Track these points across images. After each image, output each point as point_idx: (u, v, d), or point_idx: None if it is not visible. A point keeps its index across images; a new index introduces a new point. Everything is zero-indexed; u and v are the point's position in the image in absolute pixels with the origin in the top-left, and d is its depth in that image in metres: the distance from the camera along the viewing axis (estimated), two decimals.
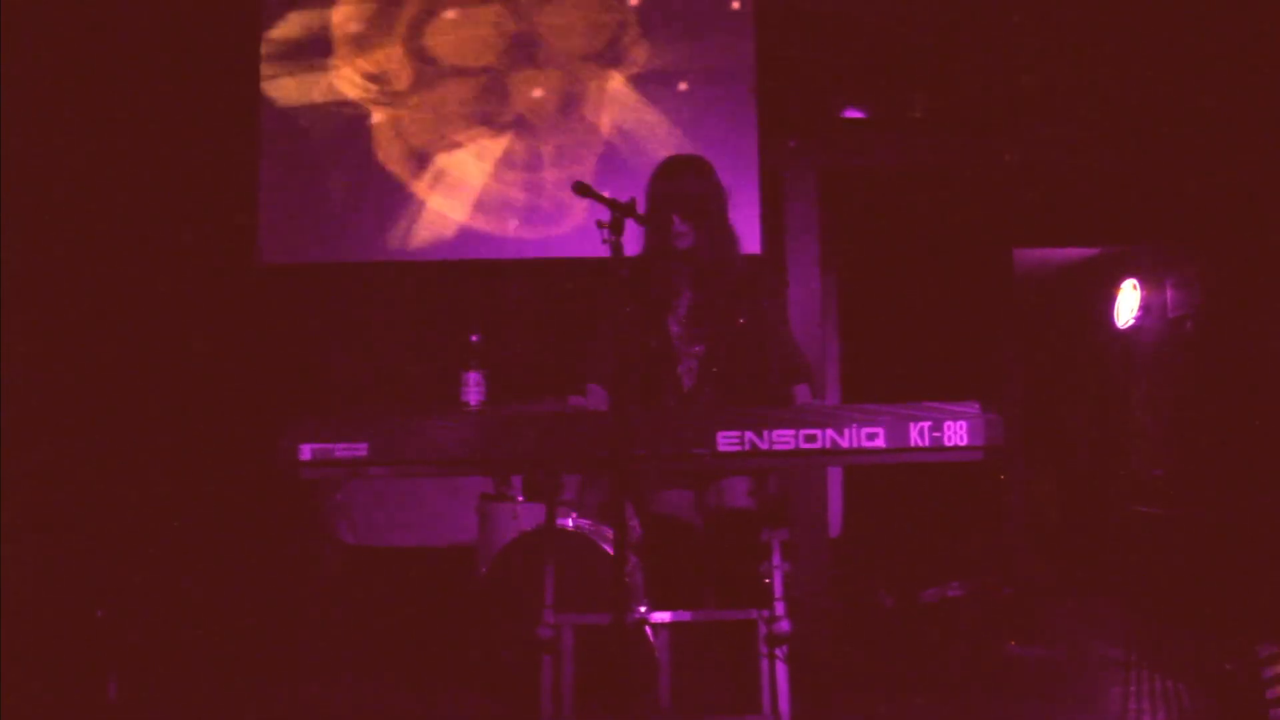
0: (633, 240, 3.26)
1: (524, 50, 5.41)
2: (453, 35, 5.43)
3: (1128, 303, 7.34)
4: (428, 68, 5.44)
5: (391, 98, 5.42)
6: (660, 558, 3.53)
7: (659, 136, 5.30)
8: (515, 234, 5.37)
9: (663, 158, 3.76)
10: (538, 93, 5.40)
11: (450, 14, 5.43)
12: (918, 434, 2.84)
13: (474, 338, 4.55)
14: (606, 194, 2.99)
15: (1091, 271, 7.74)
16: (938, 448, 2.84)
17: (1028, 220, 6.48)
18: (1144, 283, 7.16)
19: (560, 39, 5.41)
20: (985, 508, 6.52)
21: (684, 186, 3.53)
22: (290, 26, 5.46)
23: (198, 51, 5.36)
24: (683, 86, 5.34)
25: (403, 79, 5.42)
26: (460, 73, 5.43)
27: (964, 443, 2.84)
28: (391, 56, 5.42)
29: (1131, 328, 7.30)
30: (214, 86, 5.39)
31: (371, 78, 5.41)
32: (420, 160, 5.40)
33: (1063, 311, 8.10)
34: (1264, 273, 5.59)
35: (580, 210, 5.18)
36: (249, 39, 5.41)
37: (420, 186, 5.38)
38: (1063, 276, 8.02)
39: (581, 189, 3.04)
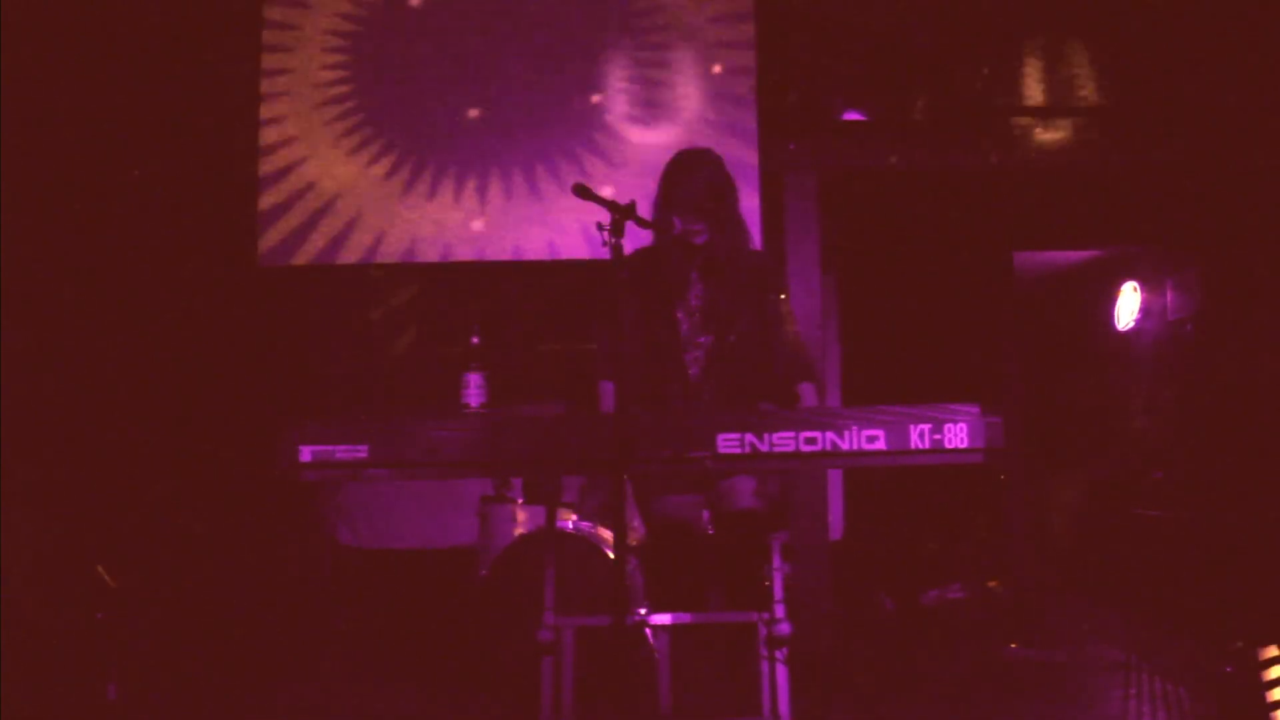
0: (633, 239, 3.26)
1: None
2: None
3: (1128, 305, 7.34)
4: None
5: None
6: (666, 562, 3.53)
7: None
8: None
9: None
10: None
11: None
12: (918, 436, 2.83)
13: (474, 339, 4.55)
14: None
15: (1092, 274, 7.74)
16: (938, 450, 2.83)
17: (1028, 222, 6.49)
18: (1144, 285, 7.16)
19: None
20: (985, 510, 6.52)
21: (697, 184, 3.52)
22: None
23: (197, 50, 5.36)
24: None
25: None
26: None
27: (964, 445, 2.83)
28: None
29: (1132, 330, 7.30)
30: (214, 85, 5.39)
31: None
32: None
33: (1063, 313, 8.10)
34: (1264, 274, 5.59)
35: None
36: (249, 36, 5.41)
37: None
38: (1063, 279, 8.02)
39: (581, 191, 3.04)
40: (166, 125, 5.25)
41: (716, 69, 5.37)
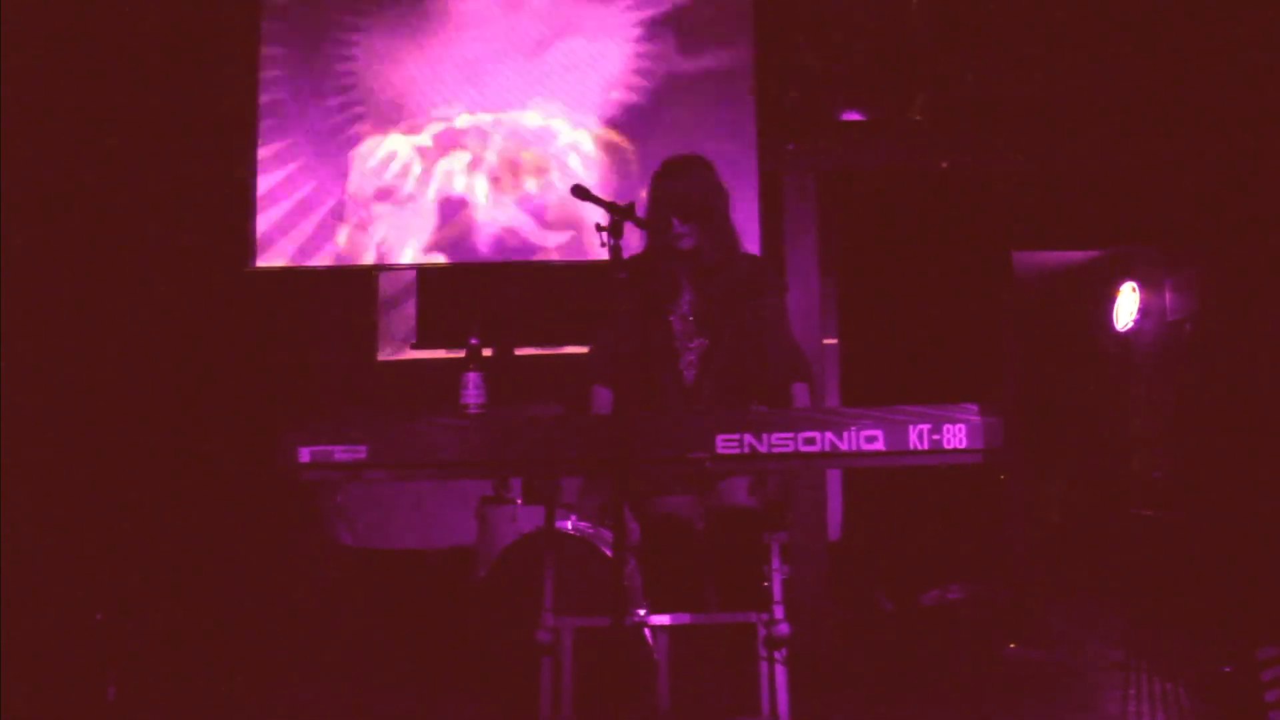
0: (632, 238, 3.27)
1: None
2: None
3: (1127, 305, 7.34)
4: None
5: None
6: (661, 559, 3.53)
7: None
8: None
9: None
10: None
11: None
12: (916, 437, 2.83)
13: (473, 339, 4.55)
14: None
15: (1091, 274, 7.74)
16: (937, 450, 2.83)
17: (1027, 223, 6.49)
18: (1143, 285, 7.16)
19: None
20: (984, 510, 6.51)
21: (686, 188, 3.55)
22: None
23: (195, 52, 5.36)
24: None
25: None
26: None
27: (963, 445, 2.83)
28: None
29: (1130, 330, 7.30)
30: (211, 87, 5.39)
31: None
32: None
33: (1062, 314, 8.09)
34: (1263, 275, 5.59)
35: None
36: (248, 39, 5.41)
37: None
38: (1062, 279, 8.02)
39: (580, 192, 3.04)
40: (162, 125, 5.25)
41: (715, 68, 5.37)
